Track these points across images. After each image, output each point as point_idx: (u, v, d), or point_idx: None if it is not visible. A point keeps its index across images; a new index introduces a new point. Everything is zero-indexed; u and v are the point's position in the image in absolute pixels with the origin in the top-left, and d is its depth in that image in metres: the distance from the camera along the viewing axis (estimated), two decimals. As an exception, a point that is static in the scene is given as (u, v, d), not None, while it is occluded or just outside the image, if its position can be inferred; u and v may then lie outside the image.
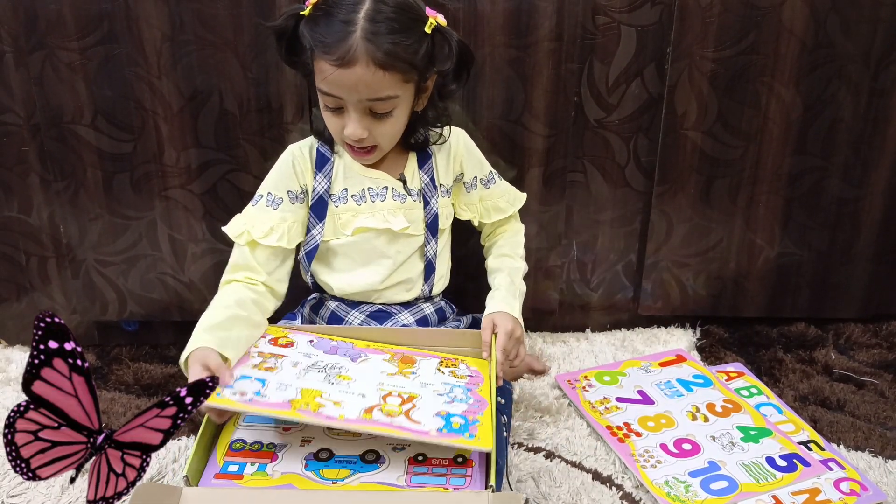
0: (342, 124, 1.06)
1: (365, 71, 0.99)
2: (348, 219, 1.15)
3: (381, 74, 1.00)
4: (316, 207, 1.15)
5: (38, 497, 1.09)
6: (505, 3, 1.26)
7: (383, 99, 1.03)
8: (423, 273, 1.22)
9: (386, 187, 1.16)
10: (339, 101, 1.04)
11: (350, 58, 0.98)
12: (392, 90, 1.03)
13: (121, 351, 1.49)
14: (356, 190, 1.16)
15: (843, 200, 1.43)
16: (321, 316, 1.23)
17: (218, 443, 0.97)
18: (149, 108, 1.29)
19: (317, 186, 1.15)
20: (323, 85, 1.03)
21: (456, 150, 1.22)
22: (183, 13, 1.23)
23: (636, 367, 1.40)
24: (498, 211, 1.28)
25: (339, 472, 0.91)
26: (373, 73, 1.00)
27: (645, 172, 1.41)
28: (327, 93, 1.04)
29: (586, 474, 1.15)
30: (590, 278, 1.51)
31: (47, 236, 1.40)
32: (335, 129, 1.08)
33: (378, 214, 1.15)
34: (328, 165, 1.15)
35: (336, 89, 1.02)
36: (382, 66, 1.00)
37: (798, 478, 1.12)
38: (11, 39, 1.25)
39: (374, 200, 1.16)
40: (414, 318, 1.21)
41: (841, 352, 1.49)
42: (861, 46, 1.31)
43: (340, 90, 1.02)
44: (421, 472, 0.92)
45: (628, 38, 1.31)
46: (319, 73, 1.02)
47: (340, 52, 0.99)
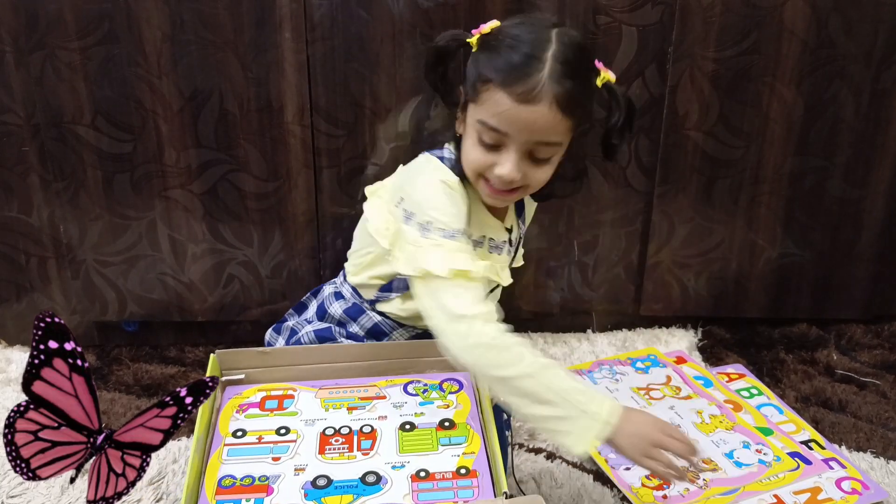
0: (492, 162, 0.97)
1: (547, 112, 0.92)
2: None
3: (559, 118, 0.93)
4: None
5: (39, 497, 1.09)
6: (506, 4, 1.26)
7: (550, 144, 0.96)
8: None
9: (505, 241, 1.10)
10: (502, 139, 0.95)
11: (535, 95, 0.91)
12: (562, 136, 0.97)
13: (121, 351, 1.49)
14: (477, 234, 1.07)
15: (844, 201, 1.43)
16: (360, 324, 1.15)
17: (205, 480, 0.91)
18: (149, 108, 1.29)
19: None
20: (492, 119, 0.94)
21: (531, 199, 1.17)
22: (183, 13, 1.23)
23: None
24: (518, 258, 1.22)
25: (342, 499, 0.87)
26: (553, 115, 0.92)
27: (646, 173, 1.41)
28: (493, 127, 0.95)
29: (587, 475, 1.15)
30: (591, 279, 1.51)
31: (47, 236, 1.39)
32: (480, 164, 0.98)
33: (492, 268, 1.04)
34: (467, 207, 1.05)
35: (506, 125, 0.94)
36: (564, 109, 0.93)
37: (800, 477, 1.12)
38: (12, 39, 1.25)
39: (492, 252, 1.09)
40: None
41: (843, 352, 1.49)
42: (863, 46, 1.31)
43: (511, 127, 0.94)
44: (426, 488, 0.88)
45: (629, 38, 1.30)
46: (490, 106, 0.94)
47: (526, 88, 0.91)
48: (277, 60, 1.26)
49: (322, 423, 0.98)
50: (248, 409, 1.00)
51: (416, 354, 1.09)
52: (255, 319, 1.46)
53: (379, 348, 1.10)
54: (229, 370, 1.07)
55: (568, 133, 0.97)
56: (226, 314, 1.45)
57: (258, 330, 1.38)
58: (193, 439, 0.91)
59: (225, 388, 1.07)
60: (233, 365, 1.07)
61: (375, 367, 1.09)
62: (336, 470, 0.91)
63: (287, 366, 1.08)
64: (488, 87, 0.94)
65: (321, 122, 1.31)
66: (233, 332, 1.51)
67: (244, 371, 1.07)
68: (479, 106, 0.96)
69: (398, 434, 0.96)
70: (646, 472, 1.12)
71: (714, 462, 1.14)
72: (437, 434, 0.96)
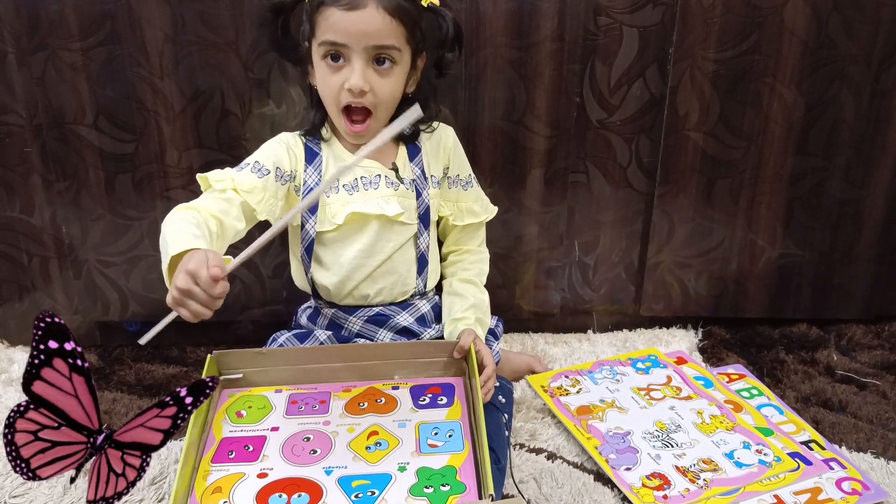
0: (343, 79, 1.06)
1: (374, 14, 1.03)
2: (338, 208, 1.15)
3: (388, 20, 1.03)
4: None
5: (41, 497, 1.09)
6: (507, 4, 1.26)
7: (388, 47, 1.06)
8: (417, 266, 1.22)
9: (379, 175, 1.16)
10: (343, 51, 1.05)
11: (360, 1, 1.02)
12: (396, 40, 1.06)
13: (123, 351, 1.49)
14: (347, 180, 1.16)
15: (844, 201, 1.43)
16: (319, 324, 1.23)
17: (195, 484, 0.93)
18: (151, 108, 1.29)
19: (307, 180, 1.15)
20: (329, 34, 1.04)
21: (445, 142, 1.23)
22: (185, 13, 1.24)
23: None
24: (471, 214, 1.27)
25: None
26: (382, 17, 1.03)
27: (647, 173, 1.41)
28: (332, 41, 1.05)
29: (588, 475, 1.15)
30: (591, 279, 1.51)
31: (49, 237, 1.40)
32: (334, 87, 1.08)
33: (371, 201, 1.15)
34: (317, 159, 1.16)
35: (343, 35, 1.04)
36: (390, 11, 1.03)
37: (800, 477, 1.12)
38: (14, 40, 1.25)
39: (368, 189, 1.16)
40: (413, 318, 1.21)
41: (843, 353, 1.49)
42: (863, 47, 1.31)
43: (347, 36, 1.04)
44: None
45: (630, 38, 1.31)
46: (325, 23, 1.04)
47: None
48: (279, 61, 1.27)
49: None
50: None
51: (413, 355, 1.12)
52: (257, 319, 1.46)
53: (374, 348, 1.13)
54: (227, 371, 1.09)
55: (402, 39, 1.07)
56: (227, 314, 1.46)
57: (260, 330, 1.38)
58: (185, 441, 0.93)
59: (221, 390, 1.08)
60: (230, 366, 1.09)
61: (370, 367, 1.11)
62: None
63: (283, 366, 1.10)
64: (321, 11, 1.05)
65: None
66: (234, 331, 1.51)
67: (242, 371, 1.09)
68: (317, 33, 1.06)
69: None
70: (646, 473, 1.12)
71: (714, 462, 1.14)
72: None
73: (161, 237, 0.98)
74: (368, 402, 1.07)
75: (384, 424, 1.02)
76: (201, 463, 0.96)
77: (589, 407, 1.28)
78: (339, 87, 1.07)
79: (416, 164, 1.19)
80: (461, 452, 0.97)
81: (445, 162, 1.24)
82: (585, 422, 1.24)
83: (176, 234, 0.94)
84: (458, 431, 1.01)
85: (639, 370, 1.39)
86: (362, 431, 1.01)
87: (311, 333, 1.20)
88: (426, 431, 1.01)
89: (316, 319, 1.24)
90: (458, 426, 1.02)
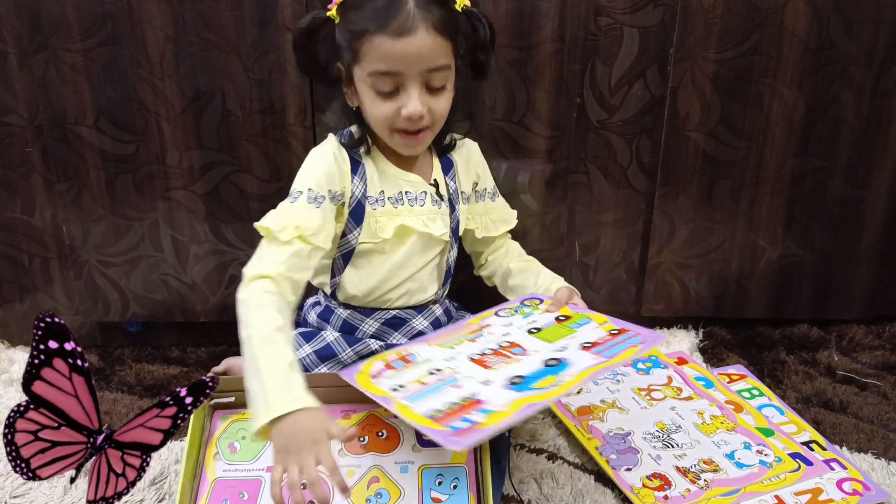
0: (397, 107, 1.03)
1: (426, 37, 0.98)
2: (386, 221, 1.13)
3: (440, 41, 1.00)
4: (354, 212, 1.12)
5: (41, 497, 1.09)
6: (507, 5, 1.26)
7: (441, 68, 1.02)
8: (443, 278, 1.22)
9: (424, 192, 1.15)
10: (397, 80, 1.01)
11: (410, 26, 0.97)
12: (447, 58, 1.03)
13: (123, 352, 1.49)
14: (393, 192, 1.14)
15: (845, 201, 1.43)
16: (332, 324, 1.20)
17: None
18: (151, 109, 1.30)
19: (354, 191, 1.12)
20: (379, 64, 1.00)
21: (473, 157, 1.23)
22: (186, 14, 1.24)
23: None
24: (504, 223, 1.28)
25: (545, 381, 0.89)
26: (433, 39, 0.99)
27: (647, 174, 1.41)
28: (385, 71, 1.00)
29: (588, 476, 1.15)
30: (592, 280, 1.51)
31: (50, 237, 1.40)
32: (388, 115, 1.04)
33: (417, 217, 1.14)
34: (360, 168, 1.13)
35: (396, 63, 0.99)
36: (440, 31, 0.99)
37: (801, 478, 1.12)
38: (15, 41, 1.25)
39: (413, 205, 1.14)
40: (427, 322, 1.21)
41: (844, 353, 1.49)
42: (864, 47, 1.31)
43: (400, 63, 0.99)
44: (601, 350, 0.96)
45: (631, 39, 1.31)
46: (373, 54, 1.00)
47: (399, 22, 0.97)
48: (279, 61, 1.27)
49: (461, 357, 0.98)
50: (380, 375, 0.97)
51: None
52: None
53: None
54: (219, 394, 1.03)
55: (451, 55, 1.04)
56: (228, 314, 1.44)
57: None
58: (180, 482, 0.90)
59: (213, 413, 1.03)
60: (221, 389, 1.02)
61: None
62: (515, 370, 0.93)
63: None
64: (366, 39, 1.00)
65: (323, 123, 1.31)
66: (235, 332, 1.51)
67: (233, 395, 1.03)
68: (363, 62, 1.02)
69: (533, 336, 1.00)
70: (647, 473, 1.12)
71: (715, 463, 1.14)
72: (563, 326, 1.02)
73: (245, 337, 0.93)
74: (369, 437, 1.02)
75: (385, 467, 0.97)
76: None
77: (589, 407, 1.28)
78: (394, 114, 1.04)
79: (451, 178, 1.19)
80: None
81: (475, 177, 1.24)
82: (586, 422, 1.24)
83: (270, 360, 0.90)
84: (462, 481, 0.97)
85: (639, 370, 1.39)
86: (362, 477, 0.97)
87: (318, 333, 1.18)
88: (429, 480, 0.97)
89: (328, 318, 1.21)
90: (464, 472, 0.98)
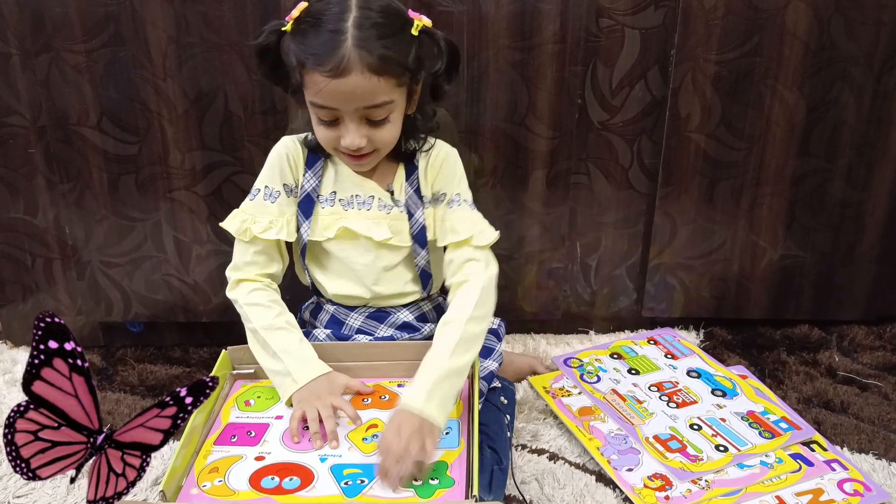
0: (337, 135, 1.04)
1: (360, 78, 0.97)
2: (331, 221, 1.14)
3: (376, 81, 0.98)
4: (303, 205, 1.15)
5: (44, 497, 1.09)
6: (509, 6, 1.26)
7: (379, 105, 1.01)
8: (420, 281, 1.20)
9: (372, 196, 1.15)
10: (335, 113, 1.02)
11: (344, 67, 0.96)
12: (387, 95, 1.01)
13: (126, 352, 1.50)
14: (345, 195, 1.15)
15: (846, 202, 1.43)
16: (320, 320, 1.22)
17: (195, 463, 0.98)
18: (154, 109, 1.30)
19: (305, 184, 1.14)
20: (317, 98, 1.01)
21: (435, 160, 1.16)
22: (188, 15, 1.24)
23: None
24: (453, 233, 1.14)
25: None
26: (368, 80, 0.98)
27: (648, 174, 1.41)
28: (322, 105, 1.01)
29: (590, 476, 1.15)
30: (593, 280, 1.51)
31: (53, 237, 1.40)
32: (329, 140, 1.06)
33: (361, 222, 1.14)
34: (318, 164, 1.15)
35: (331, 101, 1.00)
36: (377, 71, 0.98)
37: (802, 478, 1.12)
38: (18, 42, 1.26)
39: (360, 209, 1.15)
40: (413, 315, 1.20)
41: (844, 354, 1.49)
42: (865, 49, 1.31)
43: (336, 101, 1.00)
44: None
45: (632, 40, 1.31)
46: (312, 87, 1.00)
47: (334, 63, 0.96)
48: (281, 63, 1.27)
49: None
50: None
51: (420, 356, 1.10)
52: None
53: (383, 348, 1.15)
54: (240, 366, 1.16)
55: (394, 89, 1.02)
56: (230, 315, 1.44)
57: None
58: (189, 424, 0.98)
59: (235, 381, 1.15)
60: (243, 361, 1.15)
61: (379, 367, 1.14)
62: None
63: None
64: (305, 71, 1.00)
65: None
66: (237, 332, 1.50)
67: (254, 367, 1.14)
68: (306, 89, 1.02)
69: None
70: (648, 473, 1.12)
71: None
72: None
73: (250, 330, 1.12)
74: (373, 399, 1.09)
75: (384, 418, 1.03)
76: (204, 444, 1.00)
77: (591, 408, 1.28)
78: (336, 139, 1.05)
79: (412, 183, 1.16)
80: (455, 449, 0.98)
81: (432, 180, 1.18)
82: (587, 423, 1.24)
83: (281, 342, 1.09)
84: (455, 429, 1.02)
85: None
86: (362, 423, 1.03)
87: (310, 333, 1.20)
88: None
89: (318, 315, 1.23)
90: (457, 424, 1.03)
